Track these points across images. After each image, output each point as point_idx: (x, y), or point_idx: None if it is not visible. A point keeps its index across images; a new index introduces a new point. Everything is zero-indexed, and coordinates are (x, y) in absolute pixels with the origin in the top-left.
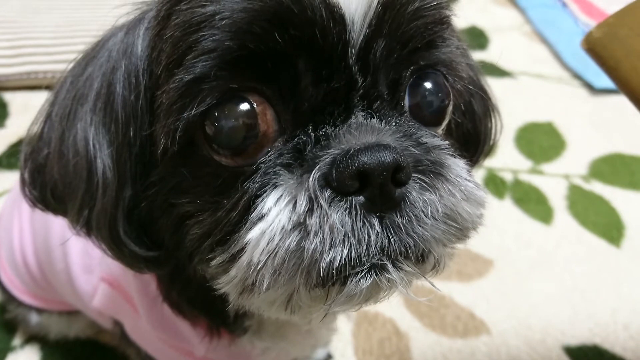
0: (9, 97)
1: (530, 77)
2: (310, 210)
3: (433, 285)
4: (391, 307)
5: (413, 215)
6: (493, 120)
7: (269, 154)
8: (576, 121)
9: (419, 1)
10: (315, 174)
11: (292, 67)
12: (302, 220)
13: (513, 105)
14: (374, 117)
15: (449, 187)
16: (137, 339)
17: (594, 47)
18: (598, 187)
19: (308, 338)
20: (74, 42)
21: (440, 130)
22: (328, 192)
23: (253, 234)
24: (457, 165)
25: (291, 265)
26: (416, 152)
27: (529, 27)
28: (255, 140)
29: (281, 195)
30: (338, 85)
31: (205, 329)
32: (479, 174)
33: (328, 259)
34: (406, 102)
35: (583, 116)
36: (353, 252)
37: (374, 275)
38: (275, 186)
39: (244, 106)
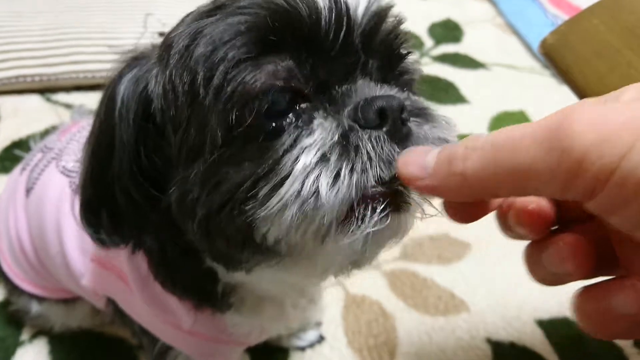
0: None
1: (503, 67)
2: (350, 132)
3: None
4: (377, 290)
5: (420, 142)
6: None
7: (306, 104)
8: (547, 109)
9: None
10: (347, 111)
11: (321, 49)
12: (342, 141)
13: (487, 95)
14: (372, 82)
15: (437, 122)
16: (130, 313)
17: (548, 52)
18: None
19: (281, 317)
20: (60, 46)
21: None
22: (357, 125)
23: (305, 158)
24: (437, 112)
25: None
26: (409, 102)
27: (501, 19)
28: (296, 97)
29: (322, 126)
30: (350, 61)
31: (191, 305)
32: None
33: (367, 179)
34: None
35: (553, 104)
36: (384, 173)
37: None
38: (317, 124)
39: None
